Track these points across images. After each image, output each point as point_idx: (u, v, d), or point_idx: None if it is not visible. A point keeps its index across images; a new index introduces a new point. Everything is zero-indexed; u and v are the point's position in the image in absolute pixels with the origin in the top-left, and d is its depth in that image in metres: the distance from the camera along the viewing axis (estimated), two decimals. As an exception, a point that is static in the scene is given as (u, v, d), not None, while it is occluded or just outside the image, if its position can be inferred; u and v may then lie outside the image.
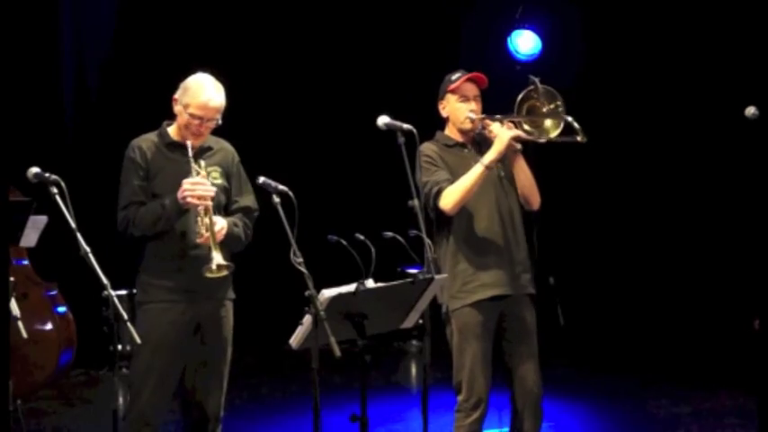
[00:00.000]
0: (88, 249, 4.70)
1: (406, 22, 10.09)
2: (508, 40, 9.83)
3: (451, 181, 5.36)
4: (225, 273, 4.99)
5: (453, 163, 5.46)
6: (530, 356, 5.47)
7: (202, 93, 5.07)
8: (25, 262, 7.26)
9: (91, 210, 5.93)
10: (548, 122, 5.48)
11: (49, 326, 7.20)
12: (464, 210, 5.38)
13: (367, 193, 9.78)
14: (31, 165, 4.87)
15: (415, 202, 5.03)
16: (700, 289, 9.83)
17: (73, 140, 9.02)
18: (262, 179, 4.87)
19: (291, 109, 9.92)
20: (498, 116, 5.45)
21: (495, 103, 5.65)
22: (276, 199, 4.79)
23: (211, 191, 5.01)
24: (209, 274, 4.94)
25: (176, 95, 5.15)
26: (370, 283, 4.69)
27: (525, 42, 9.81)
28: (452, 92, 5.49)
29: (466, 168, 5.39)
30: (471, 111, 5.46)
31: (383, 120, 5.17)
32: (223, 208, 5.17)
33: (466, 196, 5.32)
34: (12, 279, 6.10)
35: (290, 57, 9.89)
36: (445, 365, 5.51)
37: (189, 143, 5.05)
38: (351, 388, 5.04)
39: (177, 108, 5.14)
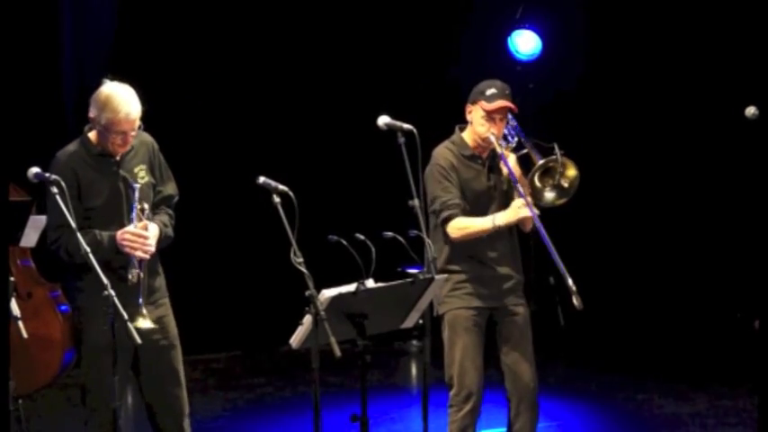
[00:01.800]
0: (88, 249, 4.70)
1: (407, 21, 10.08)
2: (508, 40, 9.82)
3: (461, 206, 5.41)
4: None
5: (466, 175, 5.52)
6: (524, 351, 5.52)
7: (119, 109, 4.99)
8: (29, 262, 7.27)
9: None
10: (550, 195, 5.54)
11: (53, 325, 7.19)
12: None
13: (367, 193, 9.77)
14: (32, 165, 4.87)
15: (416, 202, 5.04)
16: (700, 289, 9.82)
17: (74, 139, 9.00)
18: (262, 179, 4.86)
19: (291, 109, 9.90)
20: (513, 154, 5.51)
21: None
22: (276, 199, 4.79)
23: (150, 248, 4.99)
24: (136, 325, 4.86)
25: (92, 115, 5.06)
26: (370, 283, 4.69)
27: (525, 42, 9.80)
28: (484, 109, 5.50)
29: (476, 182, 5.51)
30: (493, 134, 5.48)
31: (383, 120, 5.18)
32: (151, 201, 5.18)
33: (470, 238, 5.43)
34: (12, 279, 6.10)
35: (290, 56, 9.88)
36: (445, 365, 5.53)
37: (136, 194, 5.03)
38: (351, 388, 5.04)
39: (97, 128, 5.07)
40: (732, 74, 9.28)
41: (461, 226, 5.42)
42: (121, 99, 5.00)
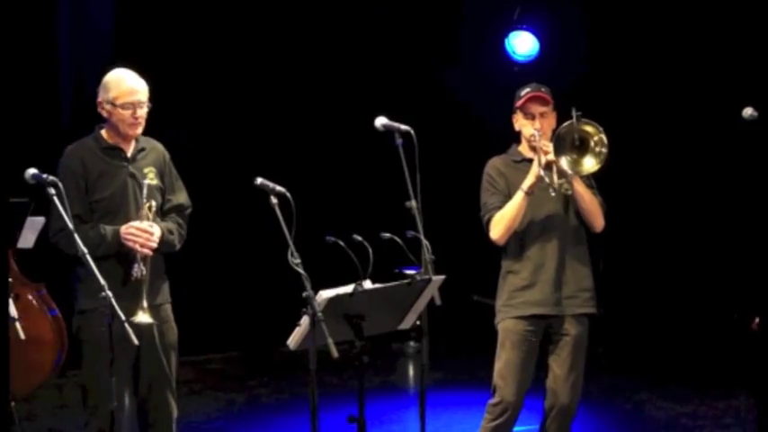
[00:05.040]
0: (86, 250, 4.70)
1: (405, 22, 10.09)
2: (506, 41, 9.83)
3: (502, 207, 5.37)
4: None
5: (515, 178, 5.44)
6: (569, 372, 5.48)
7: (125, 81, 5.18)
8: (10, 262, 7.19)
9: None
10: (588, 162, 5.42)
11: (43, 326, 7.14)
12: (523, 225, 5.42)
13: (365, 193, 9.78)
14: (29, 166, 4.87)
15: (413, 203, 5.03)
16: (699, 289, 9.82)
17: (71, 142, 9.00)
18: (259, 180, 4.86)
19: (289, 109, 9.91)
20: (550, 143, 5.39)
21: (493, 104, 5.65)
22: (273, 200, 4.78)
23: (154, 243, 5.07)
24: (134, 320, 4.95)
25: (99, 98, 5.20)
26: (367, 284, 4.69)
27: (523, 43, 9.81)
28: (519, 108, 5.49)
29: None
30: (536, 129, 5.44)
31: (381, 121, 5.17)
32: (159, 207, 5.24)
33: (512, 224, 5.37)
34: (10, 280, 6.09)
35: (288, 57, 9.88)
36: (443, 366, 5.52)
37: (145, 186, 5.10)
38: (348, 389, 5.04)
39: (106, 108, 5.18)
40: (730, 75, 9.28)
41: (497, 219, 5.36)
42: (126, 75, 5.21)
